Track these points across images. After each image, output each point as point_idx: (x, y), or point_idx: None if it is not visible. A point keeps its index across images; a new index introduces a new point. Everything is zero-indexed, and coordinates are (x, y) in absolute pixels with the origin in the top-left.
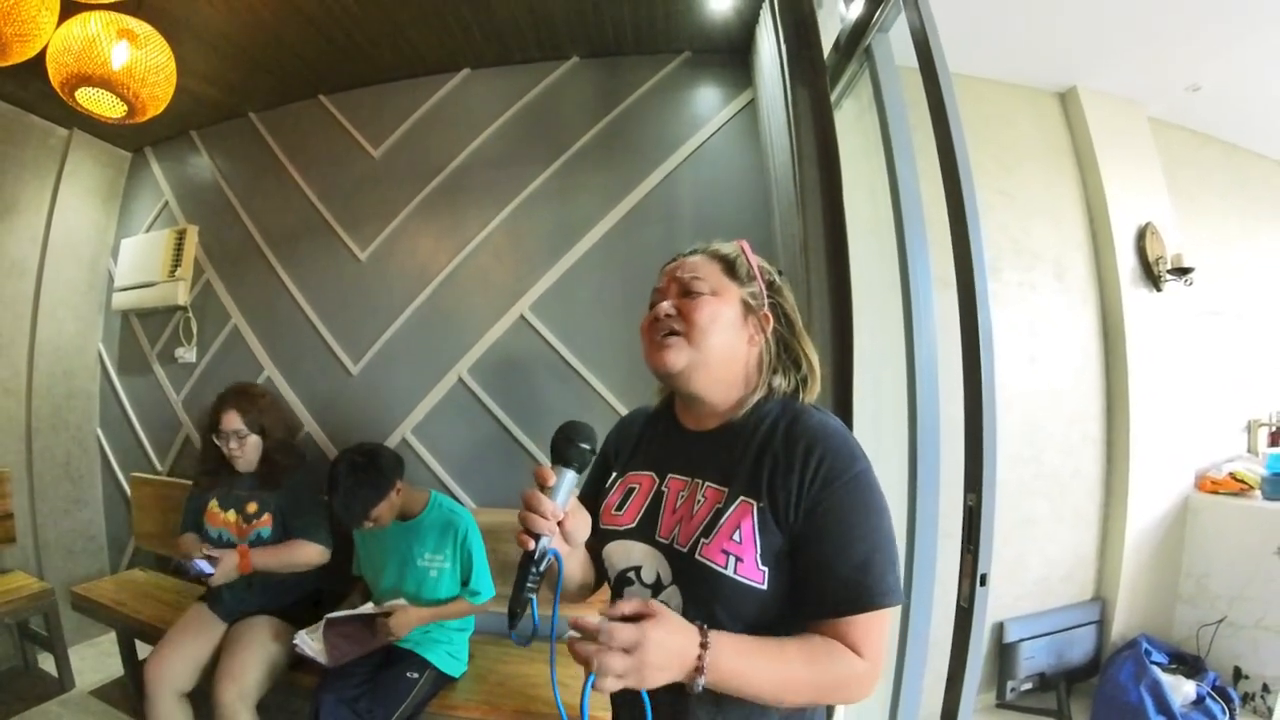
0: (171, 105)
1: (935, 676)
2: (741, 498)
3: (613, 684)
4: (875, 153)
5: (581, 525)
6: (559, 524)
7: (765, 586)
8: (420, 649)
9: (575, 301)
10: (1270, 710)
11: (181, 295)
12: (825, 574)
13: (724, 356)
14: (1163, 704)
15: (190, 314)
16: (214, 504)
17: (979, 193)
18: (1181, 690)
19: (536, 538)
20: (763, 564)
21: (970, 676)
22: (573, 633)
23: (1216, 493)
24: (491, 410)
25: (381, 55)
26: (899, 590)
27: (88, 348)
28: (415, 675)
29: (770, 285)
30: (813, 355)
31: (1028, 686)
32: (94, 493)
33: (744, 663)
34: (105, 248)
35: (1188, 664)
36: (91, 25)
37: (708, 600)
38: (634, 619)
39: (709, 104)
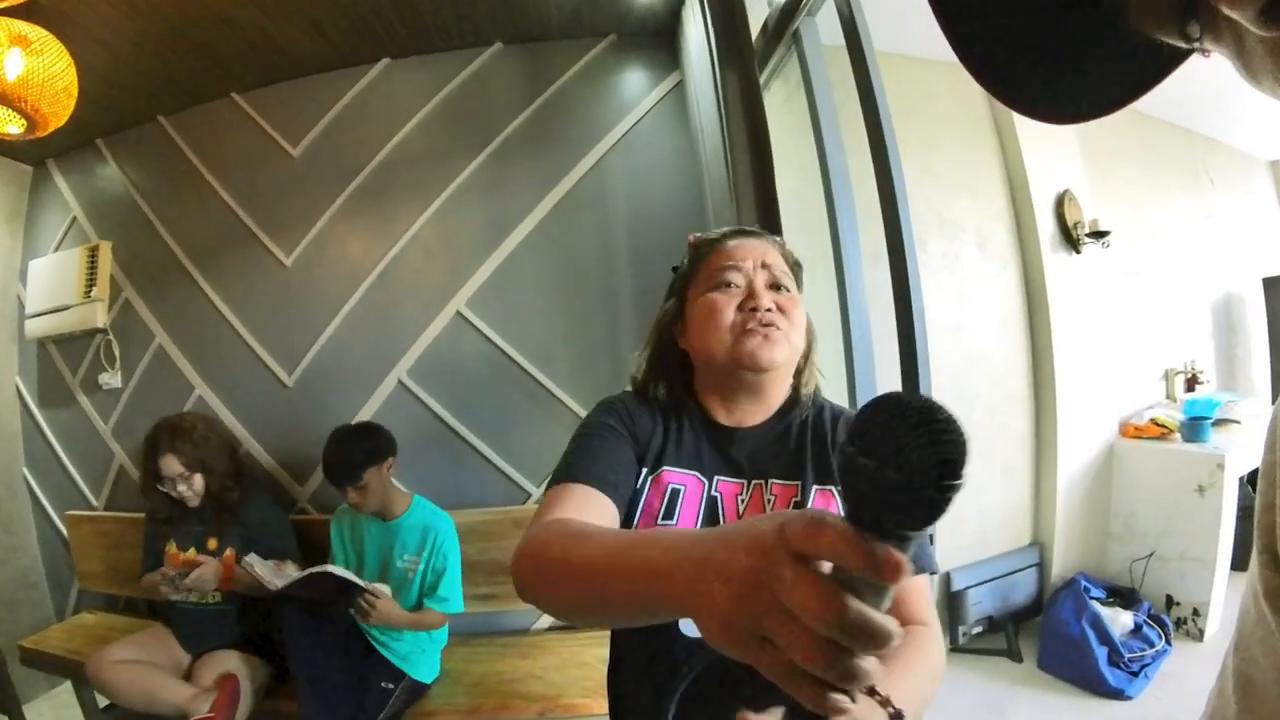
0: (74, 113)
1: None
2: (816, 487)
3: None
4: (804, 131)
5: None
6: None
7: None
8: (397, 659)
9: (513, 295)
10: (1202, 632)
11: (100, 317)
12: None
13: (797, 357)
14: (1103, 634)
15: (111, 336)
16: (172, 546)
17: (905, 169)
18: (1119, 621)
19: None
20: None
21: None
22: None
23: (1139, 438)
24: (435, 411)
25: (296, 48)
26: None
27: (4, 382)
28: (390, 686)
29: None
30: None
31: (978, 630)
32: (28, 538)
33: (914, 707)
34: (13, 272)
35: (1123, 596)
36: None
37: None
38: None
39: (636, 88)
